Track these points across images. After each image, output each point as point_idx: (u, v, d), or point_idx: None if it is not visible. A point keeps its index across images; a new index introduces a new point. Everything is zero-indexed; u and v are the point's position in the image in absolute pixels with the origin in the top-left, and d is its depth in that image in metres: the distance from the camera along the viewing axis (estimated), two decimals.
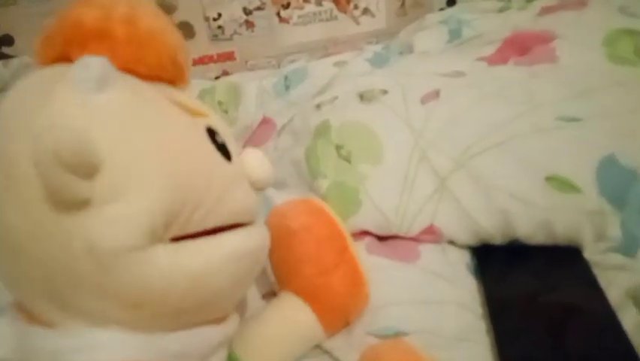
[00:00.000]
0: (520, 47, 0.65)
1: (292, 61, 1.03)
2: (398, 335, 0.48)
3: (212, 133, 0.38)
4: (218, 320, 0.39)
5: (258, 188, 0.41)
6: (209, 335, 0.38)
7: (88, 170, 0.30)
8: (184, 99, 0.38)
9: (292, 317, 0.47)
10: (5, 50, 1.06)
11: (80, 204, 0.30)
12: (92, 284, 0.31)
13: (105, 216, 0.30)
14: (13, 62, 1.03)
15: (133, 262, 0.31)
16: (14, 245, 0.32)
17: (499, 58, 0.66)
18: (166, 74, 0.38)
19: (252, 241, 0.39)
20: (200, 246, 0.35)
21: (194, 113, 0.38)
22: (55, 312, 0.33)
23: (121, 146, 0.31)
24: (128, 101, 0.34)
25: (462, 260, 0.56)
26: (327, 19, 1.07)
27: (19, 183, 0.31)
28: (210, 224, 0.35)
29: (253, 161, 0.41)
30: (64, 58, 0.35)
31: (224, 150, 0.38)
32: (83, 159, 0.29)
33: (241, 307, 0.44)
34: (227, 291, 0.38)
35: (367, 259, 0.55)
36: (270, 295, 0.52)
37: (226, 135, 0.40)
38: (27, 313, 0.35)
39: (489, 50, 0.68)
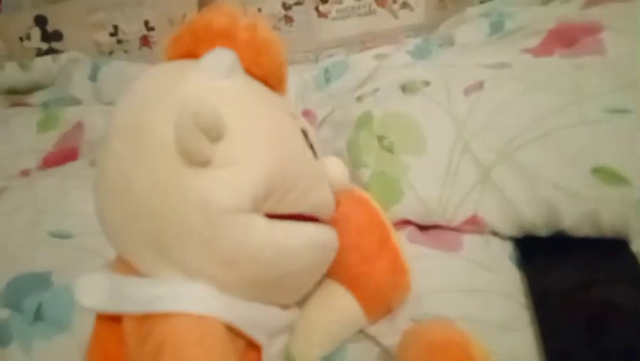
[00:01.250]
0: (566, 39, 0.64)
1: (330, 55, 1.03)
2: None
3: (304, 134, 0.44)
4: (285, 307, 0.43)
5: (334, 190, 0.46)
6: (279, 316, 0.42)
7: (216, 134, 0.35)
8: (285, 103, 0.45)
9: (335, 304, 0.48)
10: (55, 45, 1.10)
11: (202, 163, 0.35)
12: (197, 238, 0.36)
13: (219, 177, 0.36)
14: (62, 58, 1.07)
15: (235, 222, 0.36)
16: (134, 198, 0.37)
17: (544, 49, 0.65)
18: (272, 79, 0.44)
19: (329, 236, 0.44)
20: (289, 226, 0.39)
21: (292, 115, 0.44)
22: (154, 263, 0.37)
23: (241, 123, 0.37)
24: (249, 90, 0.41)
25: (505, 251, 0.56)
26: (366, 14, 1.07)
27: (150, 145, 0.36)
28: (298, 208, 0.40)
29: (333, 166, 0.47)
30: (191, 55, 0.41)
31: (312, 151, 0.44)
32: (214, 124, 0.35)
33: (300, 302, 0.47)
34: (302, 275, 0.42)
35: (409, 247, 0.55)
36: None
37: (313, 139, 0.46)
38: (124, 268, 0.39)
39: (534, 42, 0.67)
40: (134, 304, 0.36)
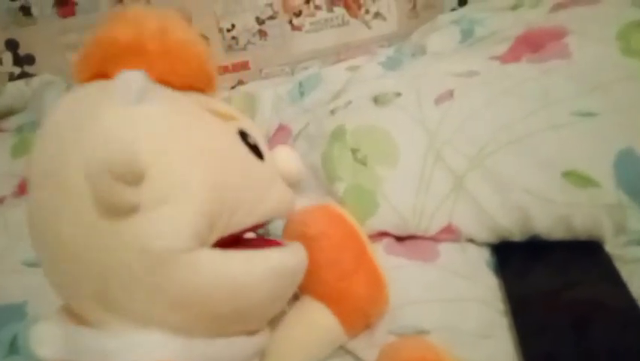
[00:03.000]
0: (532, 44, 0.65)
1: (306, 68, 1.04)
2: (419, 333, 0.48)
3: (244, 135, 0.40)
4: (252, 333, 0.41)
5: (291, 182, 0.44)
6: (244, 345, 0.40)
7: (135, 177, 0.32)
8: (215, 105, 0.41)
9: (314, 322, 0.47)
10: (27, 68, 1.09)
11: (129, 210, 0.32)
12: (142, 285, 0.33)
13: (152, 220, 0.33)
14: (35, 81, 1.05)
15: (180, 264, 0.33)
16: (68, 252, 0.34)
17: (512, 56, 0.66)
18: (196, 82, 0.40)
19: (294, 259, 0.41)
20: (247, 257, 0.37)
21: (225, 117, 0.40)
22: (103, 313, 0.35)
23: (163, 154, 0.34)
24: (166, 111, 0.36)
25: (481, 258, 0.56)
26: (339, 25, 1.07)
27: (72, 194, 0.33)
28: (251, 222, 0.38)
29: (283, 156, 0.44)
30: (102, 75, 0.38)
31: (256, 151, 0.41)
32: (129, 168, 0.31)
33: (272, 321, 0.45)
34: (266, 304, 0.40)
35: (386, 259, 0.55)
36: (291, 298, 0.52)
37: (257, 136, 0.42)
38: (74, 316, 0.37)
39: (502, 49, 0.68)
40: (91, 357, 0.34)
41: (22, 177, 0.84)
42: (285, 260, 0.40)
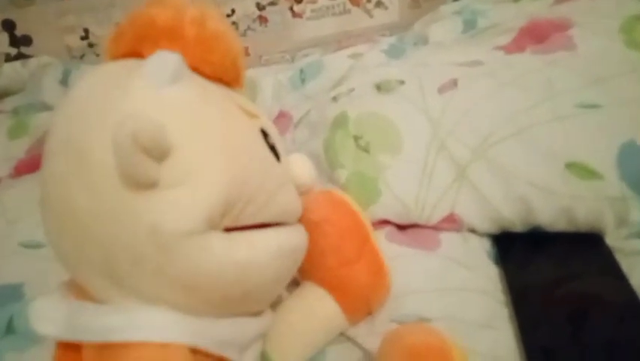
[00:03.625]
0: (537, 36, 0.65)
1: (306, 55, 1.03)
2: (421, 321, 0.48)
3: (265, 135, 0.41)
4: (256, 314, 0.41)
5: (301, 189, 0.44)
6: (249, 326, 0.40)
7: (160, 153, 0.32)
8: (241, 101, 0.41)
9: (315, 308, 0.47)
10: (24, 50, 1.08)
11: (148, 186, 0.32)
12: (151, 264, 0.33)
13: (169, 199, 0.33)
14: (32, 62, 1.04)
15: (190, 245, 0.33)
16: (80, 225, 0.34)
17: (516, 46, 0.65)
18: (227, 75, 0.40)
19: (296, 238, 0.42)
20: (251, 238, 0.37)
21: (250, 114, 0.41)
22: (110, 289, 0.35)
23: (189, 136, 0.34)
24: (198, 96, 0.36)
25: (483, 248, 0.56)
26: (340, 13, 1.07)
27: (91, 167, 0.33)
28: (260, 219, 0.38)
29: (298, 165, 0.44)
30: (134, 54, 0.38)
31: (274, 152, 0.41)
32: (157, 143, 0.32)
33: (273, 305, 0.46)
34: (270, 285, 0.40)
35: (388, 247, 0.55)
36: (292, 284, 0.52)
37: (275, 138, 0.43)
38: (79, 291, 0.37)
39: (505, 39, 0.68)
40: (93, 334, 0.34)
41: (19, 159, 0.83)
42: (288, 240, 0.40)
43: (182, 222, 0.33)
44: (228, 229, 0.36)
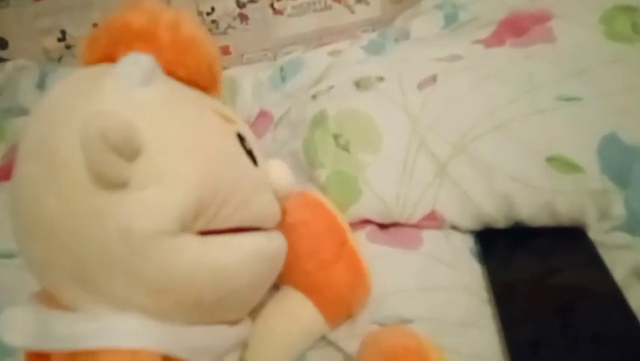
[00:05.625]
0: (516, 28, 0.64)
1: (288, 52, 1.02)
2: (402, 322, 0.47)
3: (241, 139, 0.41)
4: (234, 323, 0.40)
5: (280, 195, 0.44)
6: (226, 334, 0.39)
7: (130, 152, 0.32)
8: (217, 105, 0.41)
9: (295, 313, 0.47)
10: (0, 53, 1.06)
11: (118, 185, 0.32)
12: (122, 266, 0.33)
13: (140, 199, 0.32)
14: (8, 65, 1.02)
15: (161, 247, 0.33)
16: (50, 227, 0.33)
17: (495, 40, 0.65)
18: (202, 80, 0.40)
19: (273, 244, 0.41)
20: (226, 241, 0.36)
21: (225, 118, 0.40)
22: (80, 295, 0.34)
23: (161, 136, 0.34)
24: (170, 97, 0.36)
25: (465, 245, 0.56)
26: (322, 9, 1.06)
27: (60, 167, 0.33)
28: (235, 222, 0.37)
29: (277, 171, 0.44)
30: (109, 58, 0.37)
31: (251, 157, 0.41)
32: (126, 141, 0.31)
33: (254, 312, 0.45)
34: (246, 291, 0.39)
35: (369, 247, 0.54)
36: (273, 289, 0.51)
37: (253, 143, 0.42)
38: (49, 301, 0.36)
39: (485, 33, 0.67)
40: (61, 342, 0.33)
41: None
42: (264, 245, 0.40)
43: (153, 222, 0.32)
44: (203, 233, 0.35)
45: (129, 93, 0.34)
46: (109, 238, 0.32)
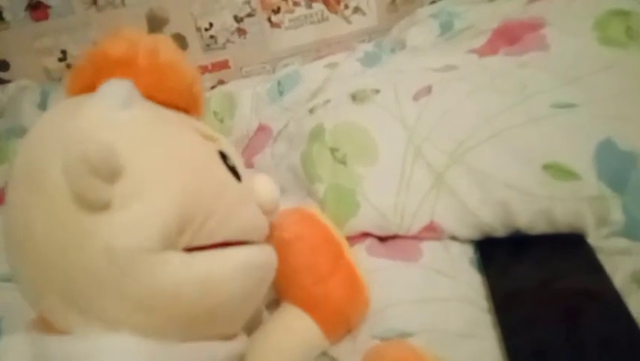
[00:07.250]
0: (510, 37, 0.65)
1: (286, 65, 1.03)
2: (403, 335, 0.47)
3: (223, 156, 0.41)
4: (227, 338, 0.40)
5: (266, 209, 0.44)
6: (218, 350, 0.39)
7: (110, 173, 0.33)
8: (198, 125, 0.42)
9: (293, 328, 0.47)
10: (1, 75, 1.07)
11: (101, 206, 0.33)
12: (110, 285, 0.33)
13: (123, 218, 0.33)
14: (10, 87, 1.04)
15: (146, 263, 0.33)
16: (39, 248, 0.34)
17: (489, 49, 0.65)
18: (183, 102, 0.42)
19: (261, 255, 0.41)
20: (213, 255, 0.37)
21: (206, 137, 0.41)
22: (72, 317, 0.35)
23: (141, 156, 0.35)
24: (150, 118, 0.38)
25: (465, 255, 0.56)
26: (319, 21, 1.07)
27: (46, 191, 0.34)
28: (220, 237, 0.38)
29: (261, 185, 0.44)
30: (92, 88, 0.38)
31: (234, 173, 0.41)
32: (106, 163, 0.32)
33: (249, 327, 0.45)
34: (236, 303, 0.39)
35: (369, 260, 0.54)
36: (273, 304, 0.52)
37: (236, 160, 0.43)
38: (46, 326, 0.36)
39: (479, 42, 0.67)
40: None
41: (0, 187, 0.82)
42: (251, 257, 0.40)
43: (136, 239, 0.33)
44: (189, 250, 0.36)
45: (109, 116, 0.36)
46: (96, 257, 0.33)
